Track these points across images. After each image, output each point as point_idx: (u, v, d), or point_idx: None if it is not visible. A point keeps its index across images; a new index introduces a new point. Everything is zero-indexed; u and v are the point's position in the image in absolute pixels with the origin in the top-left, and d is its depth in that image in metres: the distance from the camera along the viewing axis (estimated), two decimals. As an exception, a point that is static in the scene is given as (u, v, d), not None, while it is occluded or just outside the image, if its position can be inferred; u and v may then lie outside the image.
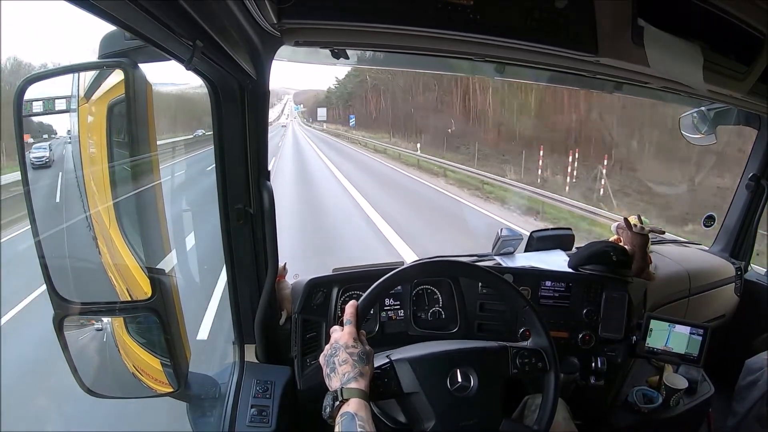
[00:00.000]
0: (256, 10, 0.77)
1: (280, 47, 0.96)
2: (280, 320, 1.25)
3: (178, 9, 0.58)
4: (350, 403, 0.77)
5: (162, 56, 0.69)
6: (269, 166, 1.10)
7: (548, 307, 1.39)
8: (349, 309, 0.90)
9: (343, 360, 0.83)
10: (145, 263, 0.81)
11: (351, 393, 0.78)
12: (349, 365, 0.82)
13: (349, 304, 0.91)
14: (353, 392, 0.78)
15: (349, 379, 0.80)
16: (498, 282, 1.02)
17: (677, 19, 0.95)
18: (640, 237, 1.51)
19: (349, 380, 0.80)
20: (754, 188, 1.76)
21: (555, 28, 0.92)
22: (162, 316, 0.82)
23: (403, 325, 1.33)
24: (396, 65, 1.40)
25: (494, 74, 1.29)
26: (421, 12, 0.87)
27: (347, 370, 0.82)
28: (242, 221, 1.08)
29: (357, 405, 0.77)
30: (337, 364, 0.83)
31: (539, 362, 0.94)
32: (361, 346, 0.85)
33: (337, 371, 0.82)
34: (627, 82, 1.22)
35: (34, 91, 0.76)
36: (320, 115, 28.80)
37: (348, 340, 0.85)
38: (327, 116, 28.92)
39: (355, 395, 0.78)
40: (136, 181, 0.81)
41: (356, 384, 0.80)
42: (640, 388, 1.45)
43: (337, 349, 0.84)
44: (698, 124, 1.73)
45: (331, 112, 32.36)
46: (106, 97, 0.79)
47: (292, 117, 50.22)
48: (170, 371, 0.88)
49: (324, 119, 28.08)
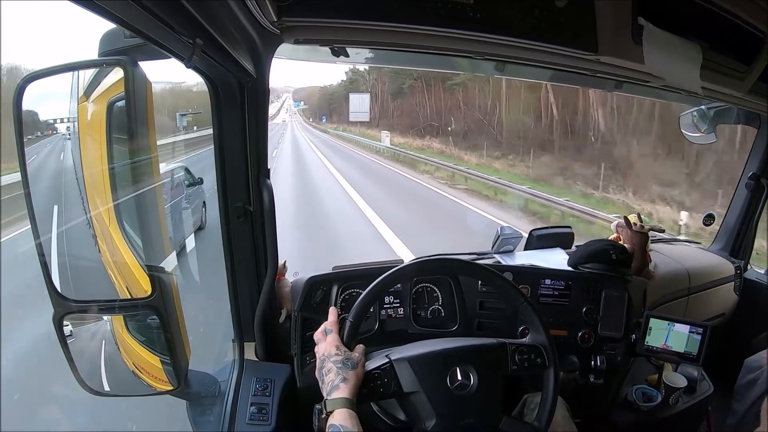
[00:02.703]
0: (256, 8, 0.77)
1: (280, 45, 0.96)
2: (280, 318, 1.25)
3: (178, 7, 0.58)
4: (335, 415, 0.78)
5: (162, 54, 0.69)
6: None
7: (548, 305, 1.39)
8: (330, 317, 0.93)
9: (328, 369, 0.85)
10: (144, 261, 0.81)
11: (334, 404, 0.80)
12: (333, 374, 0.84)
13: (330, 310, 0.93)
14: (336, 402, 0.80)
15: (332, 389, 0.82)
16: (496, 279, 1.03)
17: (677, 18, 0.95)
18: (639, 235, 1.51)
19: (333, 389, 0.82)
20: (753, 187, 1.76)
21: (555, 26, 0.92)
22: (162, 314, 0.82)
23: (403, 323, 1.33)
24: (396, 63, 1.40)
25: (494, 72, 1.29)
26: (421, 10, 0.86)
27: (331, 378, 0.83)
28: (242, 219, 1.08)
29: (341, 416, 0.78)
30: (324, 374, 0.85)
31: (538, 358, 0.94)
32: (344, 352, 0.86)
33: (325, 382, 0.84)
34: (627, 80, 1.22)
35: (33, 90, 0.76)
36: (359, 106, 15.88)
37: (330, 349, 0.87)
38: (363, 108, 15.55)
39: (339, 405, 0.79)
40: (136, 178, 0.81)
41: (339, 393, 0.81)
42: (639, 387, 1.46)
43: (324, 361, 0.86)
44: (698, 122, 1.73)
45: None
46: (106, 95, 0.79)
47: (291, 114, 48.12)
48: (170, 369, 0.88)
49: (364, 114, 15.13)
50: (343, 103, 30.25)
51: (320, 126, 36.20)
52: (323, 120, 37.89)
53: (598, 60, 1.00)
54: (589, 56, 0.98)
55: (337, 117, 33.54)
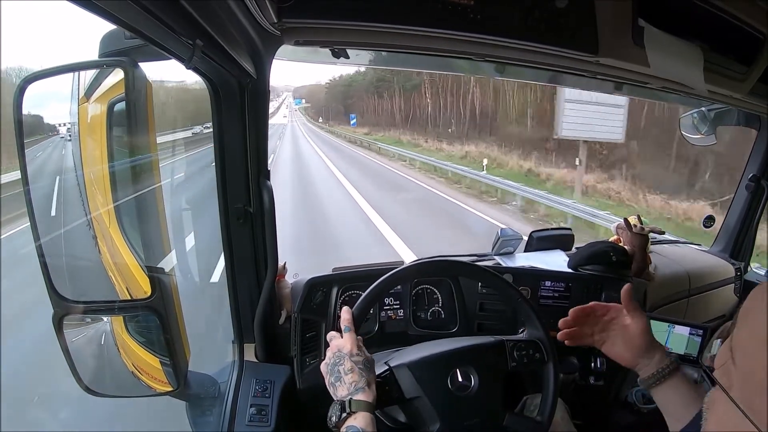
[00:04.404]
0: (257, 10, 0.77)
1: (280, 46, 0.96)
2: (280, 319, 1.25)
3: (178, 8, 0.58)
4: (357, 417, 0.76)
5: (162, 55, 0.69)
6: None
7: (548, 307, 1.39)
8: (345, 315, 0.88)
9: (349, 369, 0.81)
10: (144, 262, 0.81)
11: (359, 406, 0.77)
12: (356, 374, 0.80)
13: (344, 309, 0.89)
14: (361, 405, 0.77)
15: (357, 390, 0.79)
16: (490, 277, 1.03)
17: (677, 20, 0.95)
18: (639, 237, 1.51)
19: (357, 391, 0.79)
20: (754, 189, 1.76)
21: (555, 28, 0.92)
22: (162, 315, 0.82)
23: (403, 324, 1.33)
24: (396, 65, 1.40)
25: (494, 74, 1.29)
26: (421, 11, 0.87)
27: (354, 379, 0.80)
28: (242, 220, 1.08)
29: (364, 420, 0.76)
30: (342, 372, 0.81)
31: (537, 353, 0.95)
32: (364, 354, 0.84)
33: (344, 381, 0.80)
34: (627, 82, 1.22)
35: (34, 90, 0.76)
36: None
37: (352, 348, 0.83)
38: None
39: (363, 408, 0.77)
40: (136, 179, 0.81)
41: (363, 395, 0.79)
42: (639, 388, 1.45)
43: (342, 358, 0.83)
44: (698, 124, 1.73)
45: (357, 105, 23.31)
46: (107, 96, 0.79)
47: (291, 111, 45.69)
48: (170, 370, 0.88)
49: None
50: (367, 96, 25.16)
51: (341, 130, 25.57)
52: (353, 121, 28.38)
53: (598, 62, 1.00)
54: (589, 58, 0.98)
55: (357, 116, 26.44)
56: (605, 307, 0.89)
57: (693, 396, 0.79)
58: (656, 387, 0.82)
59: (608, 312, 0.88)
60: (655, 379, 0.82)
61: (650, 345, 0.85)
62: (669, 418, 0.80)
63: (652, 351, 0.84)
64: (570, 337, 0.89)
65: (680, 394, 0.80)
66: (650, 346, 0.84)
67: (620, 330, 0.87)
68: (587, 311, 0.89)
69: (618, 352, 0.87)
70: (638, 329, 0.85)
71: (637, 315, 0.86)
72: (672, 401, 0.80)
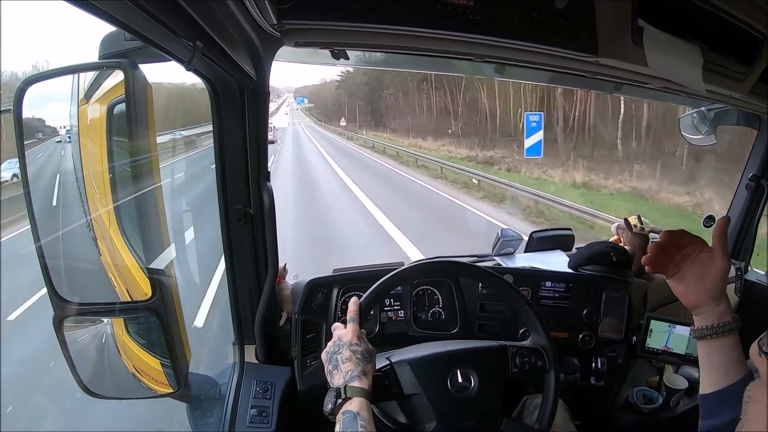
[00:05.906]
0: (256, 11, 0.77)
1: (280, 48, 0.96)
2: (280, 321, 1.25)
3: (178, 10, 0.58)
4: (353, 402, 0.77)
5: (162, 57, 0.69)
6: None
7: (548, 307, 1.39)
8: (352, 306, 0.90)
9: (347, 357, 0.82)
10: (145, 263, 0.81)
11: (354, 392, 0.78)
12: (352, 363, 0.82)
13: (352, 301, 0.90)
14: (356, 391, 0.78)
15: (352, 377, 0.80)
16: (496, 282, 1.03)
17: (677, 20, 0.95)
18: (640, 237, 1.50)
19: (353, 378, 0.80)
20: (754, 188, 1.75)
21: (554, 28, 0.92)
22: (162, 316, 0.82)
23: (403, 325, 1.33)
24: (396, 66, 1.40)
25: (494, 74, 1.29)
26: (420, 12, 0.87)
27: (350, 368, 0.81)
28: (242, 222, 1.08)
29: (359, 404, 0.76)
30: (340, 361, 0.82)
31: (539, 361, 0.94)
32: (364, 344, 0.85)
33: (341, 368, 0.82)
34: (627, 82, 1.22)
35: (34, 92, 0.76)
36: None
37: (352, 337, 0.85)
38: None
39: (358, 394, 0.78)
40: (136, 181, 0.81)
41: (359, 383, 0.79)
42: (640, 389, 1.45)
43: (341, 346, 0.84)
44: (698, 124, 1.72)
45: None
46: (106, 98, 0.79)
47: (292, 110, 43.36)
48: (170, 372, 0.88)
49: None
50: (402, 94, 18.66)
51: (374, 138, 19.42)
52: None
53: (598, 62, 1.00)
54: (588, 58, 0.98)
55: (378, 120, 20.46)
56: (694, 238, 0.82)
57: (736, 367, 0.75)
58: (707, 340, 0.77)
59: (694, 244, 0.81)
60: (712, 332, 0.76)
61: (720, 292, 0.79)
62: (704, 376, 0.77)
63: (719, 299, 0.78)
64: (652, 263, 0.82)
65: (727, 359, 0.76)
66: (720, 293, 0.79)
67: (697, 265, 0.80)
68: (675, 238, 0.82)
69: (684, 289, 0.81)
70: (717, 269, 0.79)
71: (721, 254, 0.79)
72: (716, 362, 0.76)
